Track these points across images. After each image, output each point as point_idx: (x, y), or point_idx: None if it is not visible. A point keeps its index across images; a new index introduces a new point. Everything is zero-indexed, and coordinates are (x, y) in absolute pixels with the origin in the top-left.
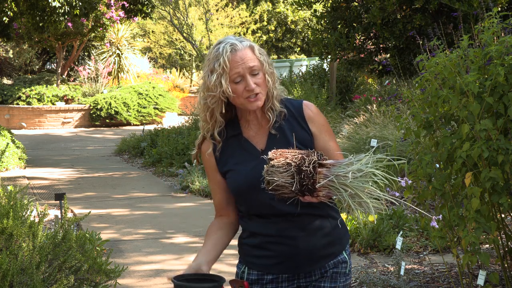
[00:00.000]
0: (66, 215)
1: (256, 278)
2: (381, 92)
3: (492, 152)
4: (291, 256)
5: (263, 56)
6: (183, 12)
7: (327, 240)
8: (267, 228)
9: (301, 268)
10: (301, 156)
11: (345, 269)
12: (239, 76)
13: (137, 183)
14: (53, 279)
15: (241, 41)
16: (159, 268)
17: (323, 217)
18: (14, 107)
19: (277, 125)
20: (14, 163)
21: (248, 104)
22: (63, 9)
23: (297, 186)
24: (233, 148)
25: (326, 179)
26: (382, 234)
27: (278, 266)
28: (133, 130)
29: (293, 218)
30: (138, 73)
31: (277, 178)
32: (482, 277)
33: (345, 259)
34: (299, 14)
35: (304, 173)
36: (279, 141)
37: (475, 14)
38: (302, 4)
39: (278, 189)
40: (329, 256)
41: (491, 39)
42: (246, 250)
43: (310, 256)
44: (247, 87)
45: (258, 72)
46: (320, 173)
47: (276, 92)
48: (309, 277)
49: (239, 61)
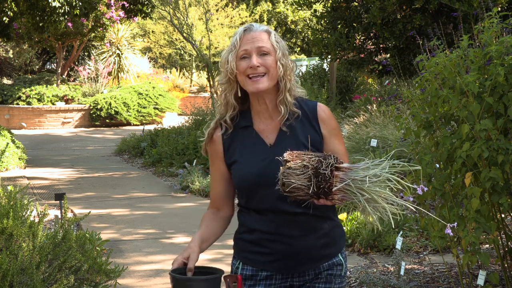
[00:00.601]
0: (66, 215)
1: (251, 274)
2: (381, 92)
3: (492, 152)
4: (287, 255)
5: (279, 44)
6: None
7: (324, 241)
8: (266, 225)
9: (296, 267)
10: (318, 159)
11: (341, 272)
12: (246, 53)
13: (137, 183)
14: (53, 279)
15: (260, 25)
16: (159, 268)
17: (321, 218)
18: (14, 107)
19: (289, 123)
20: (14, 163)
21: (249, 84)
22: (63, 9)
23: (314, 189)
24: (242, 140)
25: (343, 183)
26: (382, 234)
27: (273, 264)
28: (133, 130)
29: (293, 217)
30: (138, 73)
31: (293, 180)
32: (482, 277)
33: (340, 262)
34: (299, 14)
35: (322, 176)
36: (289, 138)
37: (475, 14)
38: (302, 4)
39: (293, 191)
40: (325, 257)
41: (491, 39)
42: (241, 246)
43: (306, 256)
44: (250, 64)
45: (267, 54)
46: (336, 177)
47: (291, 86)
48: (302, 277)
49: (250, 39)
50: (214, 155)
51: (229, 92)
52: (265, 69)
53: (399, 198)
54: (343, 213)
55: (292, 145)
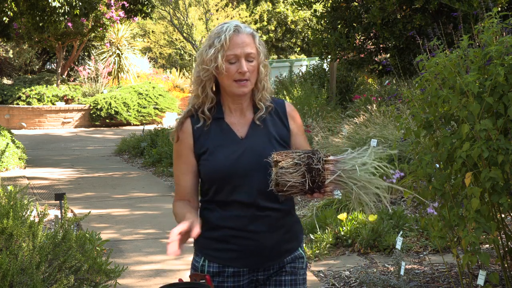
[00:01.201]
0: (66, 215)
1: (218, 271)
2: (381, 92)
3: (492, 152)
4: (254, 250)
5: (261, 47)
6: (183, 12)
7: (288, 236)
8: (231, 221)
9: (262, 262)
10: (307, 155)
11: (302, 264)
12: (235, 58)
13: (137, 183)
14: (53, 279)
15: (245, 26)
16: (159, 268)
17: (285, 213)
18: (14, 107)
19: (262, 117)
20: (14, 163)
21: (236, 88)
22: (63, 9)
23: (309, 184)
24: (213, 131)
25: (335, 175)
26: (382, 234)
27: (240, 260)
28: (133, 130)
29: (258, 211)
30: (138, 73)
31: (288, 179)
32: (482, 277)
33: (302, 255)
34: (299, 14)
35: (315, 171)
36: (260, 132)
37: (475, 14)
38: (302, 4)
39: (288, 189)
40: (288, 251)
41: (491, 39)
42: (206, 243)
43: (272, 251)
44: (240, 69)
45: (253, 60)
46: (327, 170)
47: (267, 85)
48: (267, 271)
49: (240, 43)
50: (184, 147)
51: (208, 86)
52: (249, 74)
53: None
54: (343, 213)
55: (263, 138)
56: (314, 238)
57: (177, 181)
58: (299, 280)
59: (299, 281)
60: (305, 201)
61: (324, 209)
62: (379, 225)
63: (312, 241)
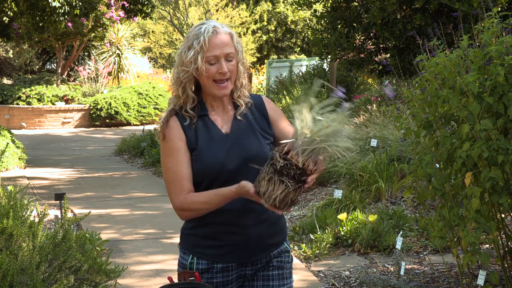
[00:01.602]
0: (66, 215)
1: (206, 268)
2: (381, 92)
3: (492, 152)
4: (242, 245)
5: (239, 46)
6: (183, 12)
7: (273, 230)
8: (219, 217)
9: (250, 256)
10: (269, 164)
11: (288, 258)
12: (215, 59)
13: (137, 183)
14: (53, 279)
15: (222, 26)
16: (159, 268)
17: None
18: (14, 107)
19: (243, 113)
20: (14, 163)
21: (216, 89)
22: (63, 9)
23: (292, 182)
24: (199, 128)
25: (297, 151)
26: (382, 234)
27: (229, 255)
28: (133, 130)
29: (245, 205)
30: (138, 73)
31: (275, 196)
32: (482, 277)
33: (287, 249)
34: (299, 14)
35: (284, 168)
36: (243, 127)
37: (475, 14)
38: (302, 4)
39: (284, 199)
40: (275, 245)
41: (491, 39)
42: (194, 241)
43: (259, 245)
44: (220, 70)
45: (232, 60)
46: (293, 157)
47: (245, 82)
48: (255, 265)
49: (219, 44)
50: (175, 139)
51: (188, 86)
52: (229, 74)
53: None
54: (343, 213)
55: (247, 133)
56: (314, 238)
57: (178, 172)
58: (285, 274)
59: (286, 275)
60: (305, 201)
61: (324, 209)
62: (379, 225)
63: (312, 241)
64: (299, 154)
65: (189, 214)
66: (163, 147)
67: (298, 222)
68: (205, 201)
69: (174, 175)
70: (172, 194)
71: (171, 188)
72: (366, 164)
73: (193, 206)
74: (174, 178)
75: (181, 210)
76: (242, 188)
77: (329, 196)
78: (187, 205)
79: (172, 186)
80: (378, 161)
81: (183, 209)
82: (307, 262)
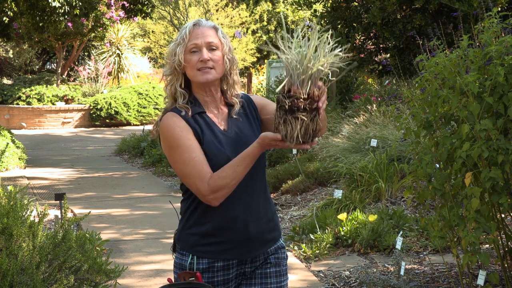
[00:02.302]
0: (66, 215)
1: (207, 267)
2: (381, 92)
3: (492, 152)
4: (242, 240)
5: (225, 40)
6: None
7: (271, 225)
8: (218, 214)
9: (251, 252)
10: (277, 110)
11: (284, 254)
12: (196, 47)
13: (137, 183)
14: (53, 279)
15: (206, 21)
16: (159, 268)
17: (267, 202)
18: (14, 107)
19: (236, 111)
20: (14, 163)
21: (199, 75)
22: (63, 9)
23: (305, 114)
24: (200, 124)
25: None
26: (382, 234)
27: (230, 251)
28: (133, 130)
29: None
30: (138, 73)
31: (296, 134)
32: (482, 277)
33: (282, 245)
34: (299, 14)
35: (293, 106)
36: (240, 124)
37: (475, 14)
38: (302, 4)
39: (306, 133)
40: (272, 240)
41: (491, 39)
42: (194, 240)
43: (258, 240)
44: (201, 58)
45: (216, 49)
46: (295, 91)
47: (237, 79)
48: (254, 263)
49: (199, 34)
50: (185, 130)
51: (176, 83)
52: (213, 63)
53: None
54: (343, 213)
55: (245, 129)
56: (314, 238)
57: (195, 163)
58: (282, 271)
59: (283, 272)
60: (305, 201)
61: (324, 209)
62: (379, 225)
63: (312, 241)
64: (299, 86)
65: (223, 193)
66: (170, 142)
67: (298, 222)
68: (233, 171)
69: (191, 165)
70: (197, 183)
71: (193, 179)
72: (366, 164)
73: (223, 182)
74: (192, 167)
75: (214, 192)
76: (264, 140)
77: (329, 196)
78: (217, 184)
79: (193, 176)
80: (378, 161)
81: (215, 190)
82: (307, 262)
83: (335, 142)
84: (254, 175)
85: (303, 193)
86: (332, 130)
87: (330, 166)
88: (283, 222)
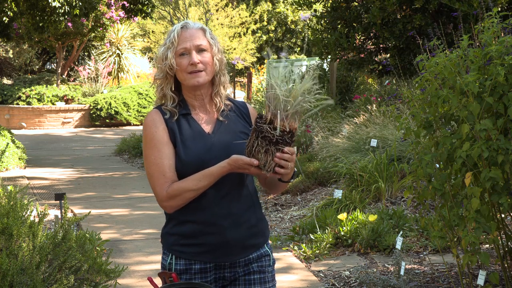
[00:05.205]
0: (66, 215)
1: (185, 268)
2: (381, 92)
3: (492, 152)
4: (220, 245)
5: (214, 41)
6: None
7: (253, 231)
8: (198, 216)
9: (229, 257)
10: (258, 139)
11: (269, 261)
12: (186, 51)
13: (137, 183)
14: (53, 279)
15: (194, 23)
16: (159, 268)
17: (251, 207)
18: (14, 107)
19: (224, 113)
20: (14, 163)
21: (189, 78)
22: (63, 9)
23: (287, 146)
24: (182, 125)
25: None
26: (382, 234)
27: (207, 254)
28: (133, 130)
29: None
30: (138, 73)
31: (275, 164)
32: (482, 277)
33: (268, 253)
34: (299, 14)
35: (278, 138)
36: (225, 128)
37: (475, 14)
38: (302, 4)
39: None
40: (253, 247)
41: (491, 39)
42: (173, 240)
43: (237, 245)
44: (191, 61)
45: (205, 51)
46: (282, 124)
47: (224, 80)
48: (233, 268)
49: (188, 37)
50: (160, 132)
51: (166, 86)
52: (203, 66)
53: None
54: (343, 213)
55: (229, 134)
56: (314, 238)
57: (160, 167)
58: (267, 277)
59: (268, 278)
60: (305, 201)
61: (324, 209)
62: (379, 225)
63: (312, 241)
64: (284, 119)
65: (178, 202)
66: (146, 140)
67: (298, 222)
68: (194, 184)
69: (156, 167)
70: (156, 185)
71: (154, 180)
72: (366, 164)
73: (180, 193)
74: (156, 170)
75: (169, 198)
76: (236, 162)
77: (329, 196)
78: (174, 192)
79: (155, 178)
80: (378, 161)
81: (171, 197)
82: (307, 262)
83: (335, 142)
84: (238, 181)
85: (303, 193)
86: (332, 130)
87: (330, 166)
88: (283, 222)
